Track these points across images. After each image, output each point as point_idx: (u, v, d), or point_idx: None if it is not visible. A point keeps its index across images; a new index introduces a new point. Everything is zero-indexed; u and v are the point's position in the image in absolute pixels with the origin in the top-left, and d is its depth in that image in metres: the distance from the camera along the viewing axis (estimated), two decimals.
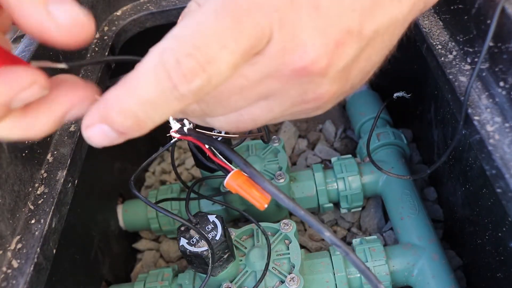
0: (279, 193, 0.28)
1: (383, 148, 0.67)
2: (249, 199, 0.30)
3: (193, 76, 0.22)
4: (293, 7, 0.24)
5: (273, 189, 0.28)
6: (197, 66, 0.22)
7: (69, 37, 0.22)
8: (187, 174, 0.80)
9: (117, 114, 0.22)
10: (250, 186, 0.30)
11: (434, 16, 0.49)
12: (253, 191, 0.30)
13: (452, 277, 0.53)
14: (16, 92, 0.22)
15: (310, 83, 0.26)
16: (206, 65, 0.22)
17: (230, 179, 0.31)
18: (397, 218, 0.60)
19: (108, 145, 0.24)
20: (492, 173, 0.36)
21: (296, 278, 0.48)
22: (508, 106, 0.37)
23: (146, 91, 0.22)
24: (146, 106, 0.22)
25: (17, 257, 0.37)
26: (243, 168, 0.30)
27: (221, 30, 0.22)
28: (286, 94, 0.26)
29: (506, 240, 0.45)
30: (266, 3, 0.23)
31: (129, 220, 0.68)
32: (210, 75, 0.22)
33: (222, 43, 0.22)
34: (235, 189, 0.31)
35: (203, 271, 0.48)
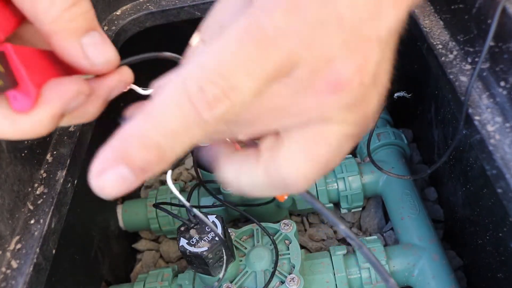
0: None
1: (383, 148, 0.67)
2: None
3: (216, 103, 0.22)
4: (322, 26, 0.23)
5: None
6: (220, 93, 0.22)
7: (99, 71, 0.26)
8: (187, 174, 0.80)
9: (138, 148, 0.21)
10: None
11: (434, 16, 0.49)
12: None
13: (453, 277, 0.53)
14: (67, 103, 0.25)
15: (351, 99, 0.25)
16: (229, 91, 0.22)
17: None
18: (398, 218, 0.60)
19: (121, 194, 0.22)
20: (493, 173, 0.35)
21: (296, 278, 0.48)
22: (508, 106, 0.37)
23: (170, 120, 0.22)
24: (169, 136, 0.22)
25: (17, 257, 0.37)
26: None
27: (245, 57, 0.22)
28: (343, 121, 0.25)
29: (506, 240, 0.44)
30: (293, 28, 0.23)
31: (129, 220, 0.68)
32: (234, 102, 0.22)
33: (246, 71, 0.22)
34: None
35: (203, 271, 0.48)
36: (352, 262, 0.54)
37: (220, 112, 0.22)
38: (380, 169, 0.54)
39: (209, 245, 0.44)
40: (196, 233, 0.45)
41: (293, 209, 0.66)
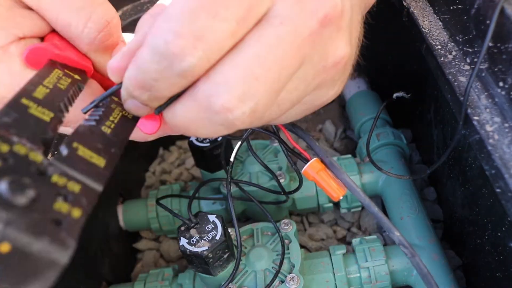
0: (356, 187, 0.29)
1: (383, 148, 0.67)
2: (326, 188, 0.31)
3: (183, 55, 0.22)
4: None
5: (350, 182, 0.29)
6: (186, 44, 0.22)
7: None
8: (187, 174, 0.80)
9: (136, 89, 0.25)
10: (328, 176, 0.31)
11: (433, 16, 0.49)
12: (331, 181, 0.30)
13: (452, 277, 0.53)
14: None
15: (330, 39, 0.25)
16: (196, 42, 0.22)
17: (309, 167, 0.31)
18: (397, 218, 0.60)
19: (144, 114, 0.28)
20: (492, 173, 0.36)
21: (296, 278, 0.48)
22: (507, 106, 0.37)
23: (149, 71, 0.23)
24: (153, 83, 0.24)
25: None
26: (323, 158, 0.30)
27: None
28: (311, 62, 0.25)
29: (505, 240, 0.45)
30: None
31: (129, 220, 0.68)
32: (205, 50, 0.22)
33: (211, 13, 0.22)
34: (313, 177, 0.31)
35: (203, 271, 0.48)
36: (352, 261, 0.55)
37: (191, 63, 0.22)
38: (379, 169, 0.54)
39: (209, 245, 0.45)
40: (196, 233, 0.46)
41: (293, 209, 0.67)
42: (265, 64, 0.23)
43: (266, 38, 0.23)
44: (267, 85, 0.23)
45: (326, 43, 0.25)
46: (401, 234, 0.29)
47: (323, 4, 0.24)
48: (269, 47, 0.23)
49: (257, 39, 0.23)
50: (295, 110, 0.28)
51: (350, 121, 0.79)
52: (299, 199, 0.64)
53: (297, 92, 0.26)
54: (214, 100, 0.23)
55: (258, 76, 0.23)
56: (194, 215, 0.47)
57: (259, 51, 0.23)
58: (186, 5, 0.22)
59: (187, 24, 0.22)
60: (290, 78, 0.24)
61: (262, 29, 0.23)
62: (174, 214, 0.48)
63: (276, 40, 0.23)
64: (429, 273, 0.29)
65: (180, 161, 0.82)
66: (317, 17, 0.24)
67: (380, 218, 0.29)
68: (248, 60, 0.23)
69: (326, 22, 0.24)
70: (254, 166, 0.62)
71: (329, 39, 0.25)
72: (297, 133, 0.32)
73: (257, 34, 0.23)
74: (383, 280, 0.53)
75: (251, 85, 0.23)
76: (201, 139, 0.57)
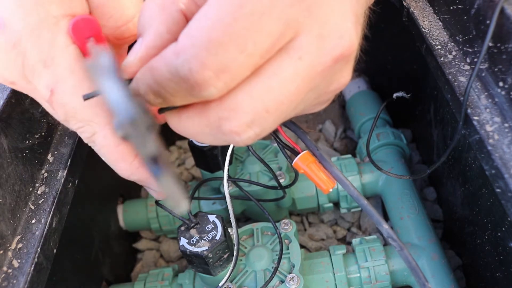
0: (345, 180, 0.29)
1: (383, 148, 0.67)
2: (317, 180, 0.31)
3: (207, 85, 0.22)
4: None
5: (340, 174, 0.29)
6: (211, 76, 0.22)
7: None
8: (187, 174, 0.80)
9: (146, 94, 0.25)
10: (318, 169, 0.31)
11: (433, 17, 0.49)
12: (320, 174, 0.31)
13: (452, 277, 0.53)
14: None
15: (339, 71, 0.26)
16: (220, 74, 0.22)
17: (300, 159, 0.31)
18: (397, 218, 0.60)
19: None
20: (492, 173, 0.36)
21: (296, 277, 0.48)
22: (507, 106, 0.37)
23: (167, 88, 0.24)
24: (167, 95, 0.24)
25: (18, 256, 0.37)
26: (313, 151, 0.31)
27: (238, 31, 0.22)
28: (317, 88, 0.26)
29: (505, 240, 0.45)
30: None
31: (129, 220, 0.68)
32: (227, 81, 0.22)
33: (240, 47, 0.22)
34: (304, 169, 0.31)
35: (203, 271, 0.48)
36: (352, 261, 0.55)
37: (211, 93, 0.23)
38: (379, 169, 0.54)
39: (209, 245, 0.45)
40: (196, 233, 0.46)
41: (293, 209, 0.67)
42: (277, 99, 0.24)
43: (283, 72, 0.23)
44: (276, 116, 0.24)
45: (334, 75, 0.26)
46: (389, 227, 0.29)
47: (342, 43, 0.24)
48: (284, 82, 0.24)
49: (274, 72, 0.23)
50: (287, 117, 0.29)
51: (350, 121, 0.79)
52: (299, 199, 0.64)
53: (296, 111, 0.27)
54: (224, 123, 0.24)
55: (269, 109, 0.24)
56: (194, 215, 0.47)
57: (274, 85, 0.23)
58: (216, 34, 0.22)
59: (214, 56, 0.22)
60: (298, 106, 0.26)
61: (280, 62, 0.23)
62: (174, 214, 0.48)
63: (292, 76, 0.24)
64: (417, 266, 0.30)
65: (180, 161, 0.82)
66: (332, 55, 0.24)
67: (369, 211, 0.29)
68: (263, 93, 0.23)
69: (339, 59, 0.25)
70: (254, 166, 0.62)
71: (338, 72, 0.26)
72: (288, 126, 0.32)
73: (275, 66, 0.23)
74: (383, 280, 0.53)
75: (261, 115, 0.24)
76: None
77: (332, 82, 0.26)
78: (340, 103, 0.86)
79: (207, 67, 0.22)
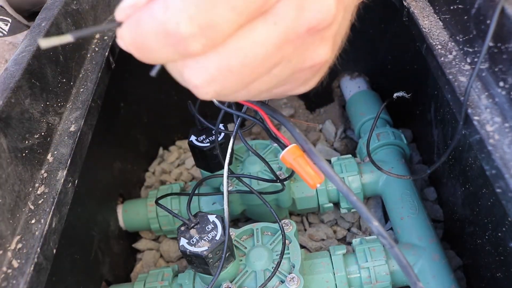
0: (334, 175, 0.28)
1: (383, 148, 0.67)
2: (303, 175, 0.30)
3: (192, 41, 0.22)
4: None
5: (329, 169, 0.28)
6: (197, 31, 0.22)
7: None
8: (187, 174, 0.80)
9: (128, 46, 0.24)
10: (306, 163, 0.30)
11: (434, 16, 0.49)
12: (308, 168, 0.30)
13: (452, 277, 0.53)
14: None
15: (312, 45, 0.26)
16: (207, 29, 0.22)
17: (287, 153, 0.30)
18: (397, 218, 0.60)
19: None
20: (492, 173, 0.36)
21: (296, 278, 0.48)
22: (508, 106, 0.37)
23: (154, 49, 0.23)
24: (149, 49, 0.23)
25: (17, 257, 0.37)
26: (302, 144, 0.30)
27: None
28: (290, 62, 0.26)
29: (506, 240, 0.45)
30: None
31: (129, 220, 0.68)
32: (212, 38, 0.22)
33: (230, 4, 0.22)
34: (290, 163, 0.30)
35: (203, 271, 0.48)
36: (352, 261, 0.55)
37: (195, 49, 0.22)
38: (380, 169, 0.54)
39: (209, 245, 0.45)
40: (196, 233, 0.46)
41: (293, 209, 0.67)
42: (243, 61, 0.24)
43: (255, 35, 0.24)
44: (238, 78, 0.25)
45: (307, 49, 0.26)
46: (379, 224, 0.28)
47: (319, 16, 0.24)
48: (253, 45, 0.24)
49: (246, 34, 0.23)
50: (265, 94, 0.29)
51: (350, 121, 0.79)
52: (299, 199, 0.64)
53: (268, 84, 0.27)
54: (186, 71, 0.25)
55: (233, 69, 0.24)
56: (194, 215, 0.47)
57: (243, 46, 0.24)
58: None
59: (204, 11, 0.21)
60: (264, 74, 0.25)
61: (256, 24, 0.24)
62: (173, 215, 0.48)
63: (262, 39, 0.24)
64: (409, 264, 0.29)
65: (180, 161, 0.82)
66: (307, 25, 0.24)
67: (359, 207, 0.29)
68: (230, 52, 0.24)
69: (313, 31, 0.25)
70: (254, 166, 0.62)
71: (311, 45, 0.26)
72: (277, 118, 0.32)
73: (250, 28, 0.24)
74: (383, 280, 0.53)
75: (223, 74, 0.24)
76: (201, 139, 0.57)
77: (306, 58, 0.26)
78: (340, 103, 0.86)
79: (195, 22, 0.22)
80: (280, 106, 0.88)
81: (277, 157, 0.64)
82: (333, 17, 0.25)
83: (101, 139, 0.60)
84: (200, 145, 0.57)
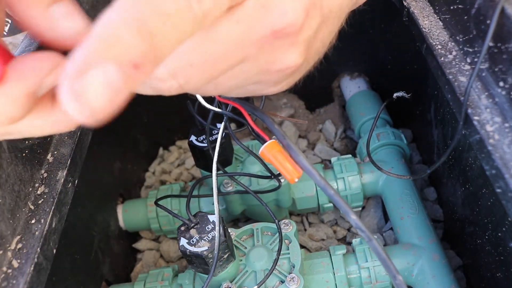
0: (312, 169, 0.29)
1: (383, 148, 0.67)
2: (281, 170, 0.30)
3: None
4: None
5: (307, 164, 0.29)
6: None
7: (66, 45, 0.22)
8: (187, 174, 0.80)
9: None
10: (284, 158, 0.30)
11: (434, 16, 0.49)
12: (286, 163, 0.30)
13: (452, 277, 0.53)
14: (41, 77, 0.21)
15: (281, 48, 0.26)
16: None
17: (265, 148, 0.31)
18: (397, 218, 0.60)
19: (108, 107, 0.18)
20: (492, 173, 0.36)
21: (296, 278, 0.48)
22: (508, 106, 0.37)
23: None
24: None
25: (17, 257, 0.37)
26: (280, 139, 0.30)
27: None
28: (255, 62, 0.26)
29: (506, 240, 0.45)
30: None
31: (129, 220, 0.68)
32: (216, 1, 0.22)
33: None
34: (269, 158, 0.31)
35: (203, 271, 0.48)
36: (352, 261, 0.55)
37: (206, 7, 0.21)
38: (379, 169, 0.54)
39: (209, 245, 0.45)
40: (196, 233, 0.46)
41: (293, 209, 0.67)
42: (203, 56, 0.24)
43: (216, 31, 0.24)
44: (199, 72, 0.24)
45: (276, 51, 0.26)
46: (358, 217, 0.29)
47: (283, 19, 0.24)
48: (214, 41, 0.24)
49: (208, 30, 0.23)
50: (236, 90, 0.29)
51: (350, 121, 0.79)
52: (299, 199, 0.64)
53: (236, 81, 0.27)
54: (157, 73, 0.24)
55: (193, 63, 0.24)
56: (194, 215, 0.47)
57: (204, 42, 0.24)
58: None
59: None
60: (226, 70, 0.25)
61: (220, 21, 0.24)
62: (173, 215, 0.48)
63: (223, 36, 0.24)
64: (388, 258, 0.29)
65: (180, 161, 0.82)
66: (272, 28, 0.24)
67: (337, 201, 0.29)
68: (192, 46, 0.24)
69: (280, 35, 0.25)
70: (254, 166, 0.62)
71: (280, 49, 0.26)
72: (256, 114, 0.32)
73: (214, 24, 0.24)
74: (383, 280, 0.53)
75: (185, 68, 0.24)
76: (201, 139, 0.57)
77: (275, 60, 0.26)
78: (340, 103, 0.86)
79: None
80: (280, 106, 0.88)
81: None
82: (301, 22, 0.25)
83: (101, 139, 0.60)
84: (200, 145, 0.57)
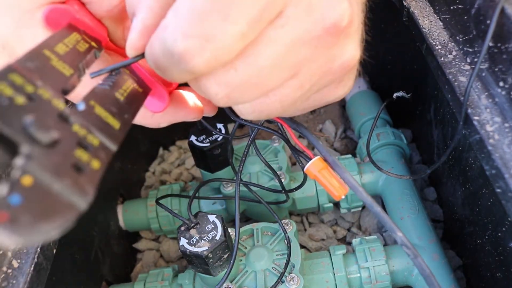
0: (358, 187, 0.29)
1: (383, 148, 0.67)
2: (328, 187, 0.31)
3: (192, 56, 0.22)
4: None
5: (353, 181, 0.29)
6: (195, 45, 0.22)
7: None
8: (187, 174, 0.80)
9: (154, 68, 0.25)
10: (330, 175, 0.31)
11: (434, 16, 0.49)
12: (333, 180, 0.31)
13: (452, 277, 0.53)
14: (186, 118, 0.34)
15: (337, 45, 0.25)
16: (205, 43, 0.22)
17: (312, 165, 0.31)
18: (397, 218, 0.60)
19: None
20: (492, 173, 0.36)
21: (296, 278, 0.48)
22: (507, 106, 0.37)
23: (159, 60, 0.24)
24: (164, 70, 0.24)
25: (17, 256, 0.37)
26: (326, 156, 0.30)
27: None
28: (315, 63, 0.25)
29: (505, 240, 0.45)
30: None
31: (129, 220, 0.68)
32: (213, 51, 0.22)
33: (222, 15, 0.21)
34: (315, 175, 0.31)
35: (203, 271, 0.48)
36: (352, 261, 0.55)
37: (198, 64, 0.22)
38: (379, 169, 0.54)
39: (209, 245, 0.45)
40: (196, 233, 0.46)
41: (293, 209, 0.67)
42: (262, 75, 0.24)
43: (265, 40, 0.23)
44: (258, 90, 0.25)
45: (332, 48, 0.25)
46: (403, 234, 0.29)
47: (333, 14, 0.24)
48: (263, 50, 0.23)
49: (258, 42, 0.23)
50: (302, 104, 0.29)
51: (350, 121, 0.79)
52: (299, 199, 0.64)
53: (302, 91, 0.26)
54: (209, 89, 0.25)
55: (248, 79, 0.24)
56: (194, 215, 0.47)
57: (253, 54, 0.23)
58: (197, 4, 0.22)
59: (196, 25, 0.21)
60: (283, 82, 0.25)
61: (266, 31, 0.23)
62: (174, 214, 0.48)
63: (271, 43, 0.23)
64: (432, 274, 0.29)
65: (180, 161, 0.82)
66: (322, 25, 0.24)
67: (383, 217, 0.29)
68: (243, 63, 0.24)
69: (333, 30, 0.24)
70: (254, 166, 0.62)
71: (336, 44, 0.25)
72: (300, 131, 0.32)
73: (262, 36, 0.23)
74: (383, 280, 0.53)
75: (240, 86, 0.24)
76: (201, 139, 0.57)
77: (334, 57, 0.26)
78: (340, 103, 0.86)
79: (189, 36, 0.22)
80: None
81: (277, 157, 0.64)
82: (350, 13, 0.25)
83: None
84: (200, 145, 0.57)
